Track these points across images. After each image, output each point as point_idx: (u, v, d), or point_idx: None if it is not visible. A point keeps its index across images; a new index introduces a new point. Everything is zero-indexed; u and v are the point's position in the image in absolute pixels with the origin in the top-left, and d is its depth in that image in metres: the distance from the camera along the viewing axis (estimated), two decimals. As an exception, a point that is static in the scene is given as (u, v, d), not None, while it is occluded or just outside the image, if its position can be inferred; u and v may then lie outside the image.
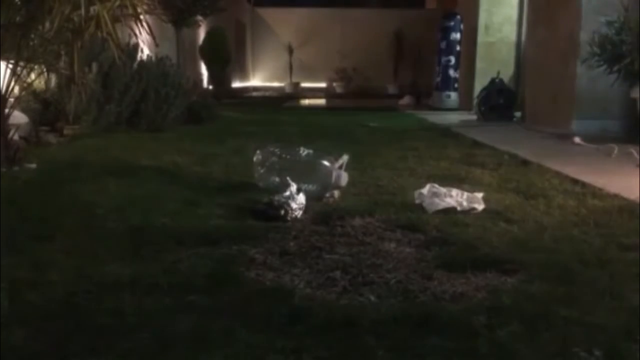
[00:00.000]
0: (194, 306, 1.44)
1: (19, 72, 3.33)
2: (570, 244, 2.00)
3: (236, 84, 14.01)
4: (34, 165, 3.25)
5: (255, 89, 15.50)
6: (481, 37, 8.67)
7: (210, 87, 11.27)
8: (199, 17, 9.23)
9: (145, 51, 5.58)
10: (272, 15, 16.92)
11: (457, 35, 9.31)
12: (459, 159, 3.83)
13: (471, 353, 1.23)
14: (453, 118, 7.52)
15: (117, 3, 3.24)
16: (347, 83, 15.80)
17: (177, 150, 3.98)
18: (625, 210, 2.44)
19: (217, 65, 11.04)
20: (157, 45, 4.30)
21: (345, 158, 2.78)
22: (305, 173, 2.72)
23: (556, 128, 5.70)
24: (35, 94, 4.33)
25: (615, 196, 2.72)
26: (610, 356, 1.24)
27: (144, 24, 3.48)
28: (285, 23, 16.63)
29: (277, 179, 2.77)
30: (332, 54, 16.03)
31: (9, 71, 3.31)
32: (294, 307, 1.44)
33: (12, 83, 3.31)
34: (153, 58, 5.67)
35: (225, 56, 11.17)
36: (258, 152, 2.94)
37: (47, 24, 3.28)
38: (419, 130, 6.03)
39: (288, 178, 2.51)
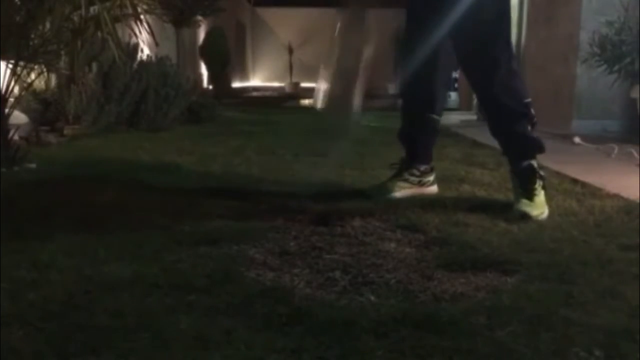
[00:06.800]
0: (194, 306, 1.44)
1: (19, 72, 3.33)
2: (570, 244, 2.00)
3: (236, 84, 14.02)
4: (34, 165, 3.25)
5: (255, 89, 15.51)
6: (481, 37, 8.64)
7: (210, 87, 11.28)
8: (199, 17, 9.25)
9: (145, 51, 5.58)
10: (272, 15, 16.94)
11: (457, 35, 9.30)
12: (459, 159, 3.83)
13: (471, 353, 1.23)
14: (453, 118, 7.51)
15: (117, 3, 3.24)
16: (347, 83, 15.77)
17: (177, 150, 3.98)
18: (625, 210, 2.44)
19: (217, 65, 11.05)
20: (157, 45, 4.29)
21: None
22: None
23: (556, 128, 5.70)
24: (35, 94, 4.34)
25: (615, 196, 2.72)
26: (610, 356, 1.24)
27: (144, 24, 3.48)
28: (285, 23, 16.64)
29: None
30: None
31: (9, 71, 3.31)
32: (294, 307, 1.44)
33: (12, 83, 3.31)
34: (153, 58, 5.67)
35: (225, 56, 11.18)
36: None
37: (47, 24, 3.28)
38: (419, 130, 6.00)
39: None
